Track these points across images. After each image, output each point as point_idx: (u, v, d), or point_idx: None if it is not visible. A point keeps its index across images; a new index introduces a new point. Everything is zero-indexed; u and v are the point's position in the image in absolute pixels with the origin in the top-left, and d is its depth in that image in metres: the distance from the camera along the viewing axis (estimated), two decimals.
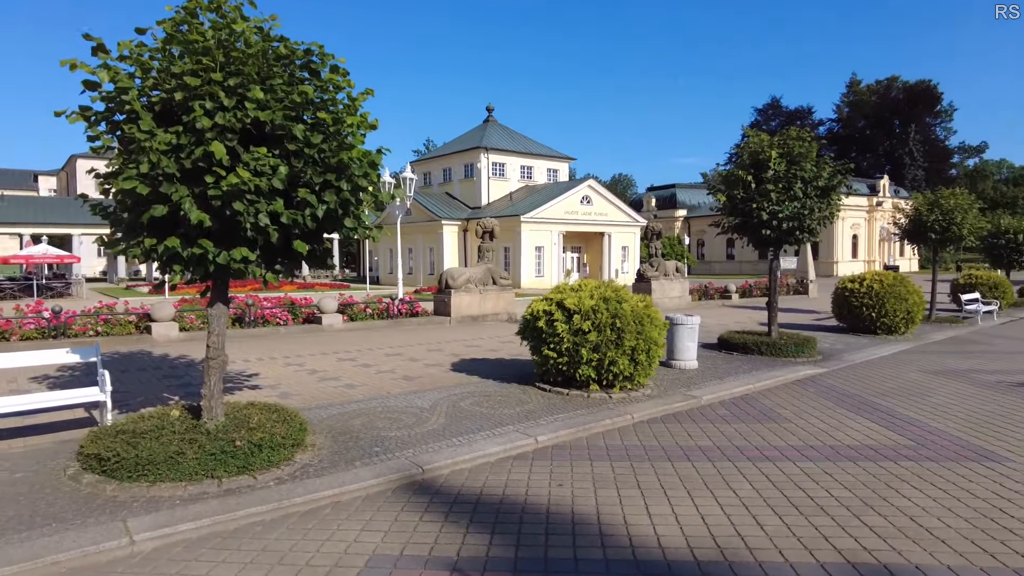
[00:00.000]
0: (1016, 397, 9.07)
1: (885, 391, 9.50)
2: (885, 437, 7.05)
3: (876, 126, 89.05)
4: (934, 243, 18.90)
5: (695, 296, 26.74)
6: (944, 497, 5.25)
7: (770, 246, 12.74)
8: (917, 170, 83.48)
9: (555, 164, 51.28)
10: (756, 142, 12.52)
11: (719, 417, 8.00)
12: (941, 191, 19.37)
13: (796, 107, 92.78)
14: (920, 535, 4.53)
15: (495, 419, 7.46)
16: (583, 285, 9.17)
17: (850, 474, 5.83)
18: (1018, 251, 24.80)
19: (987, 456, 6.37)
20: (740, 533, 4.56)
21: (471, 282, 18.78)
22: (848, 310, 15.83)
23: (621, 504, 5.12)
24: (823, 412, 8.22)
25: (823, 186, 12.16)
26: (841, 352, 13.04)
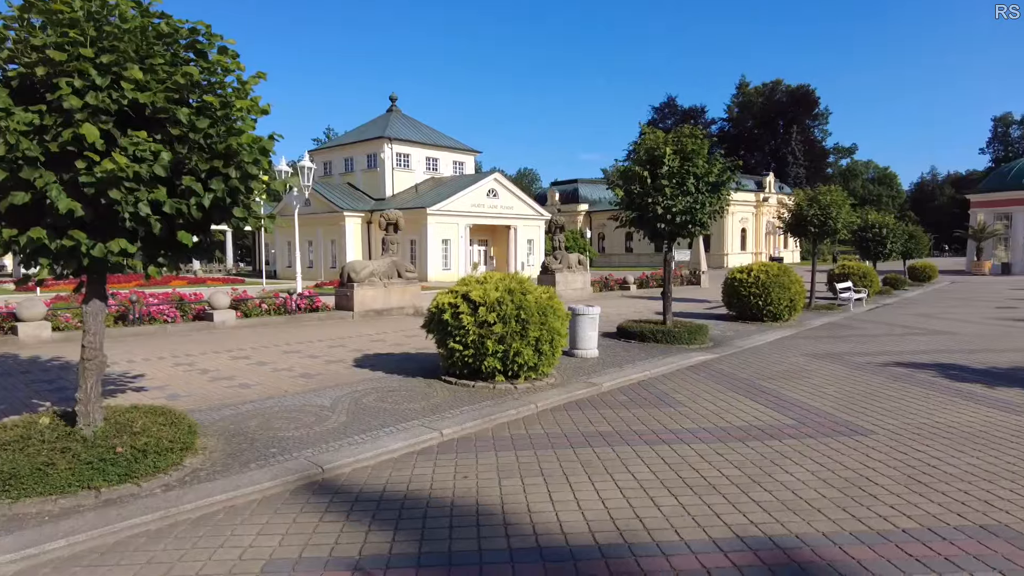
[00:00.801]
0: (881, 377, 9.95)
1: (771, 374, 10.16)
2: (770, 417, 7.54)
3: (763, 126, 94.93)
4: (813, 236, 20.38)
5: (596, 287, 27.51)
6: (820, 470, 5.68)
7: (665, 239, 13.28)
8: (799, 168, 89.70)
9: (461, 157, 51.10)
10: (652, 139, 12.99)
11: (619, 403, 8.27)
12: (819, 188, 20.92)
13: (691, 106, 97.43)
14: (800, 506, 4.87)
15: (399, 414, 7.35)
16: (488, 277, 9.19)
17: (739, 453, 6.19)
18: (882, 243, 27.24)
19: (856, 431, 6.95)
20: (639, 515, 4.73)
21: (375, 275, 18.39)
22: (737, 299, 16.79)
23: (525, 492, 5.18)
24: (715, 395, 8.67)
25: (713, 182, 12.81)
26: (731, 339, 13.82)
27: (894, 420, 7.39)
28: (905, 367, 10.73)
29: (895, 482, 5.38)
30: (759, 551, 4.13)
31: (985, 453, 6.18)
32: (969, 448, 6.34)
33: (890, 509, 4.81)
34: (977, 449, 6.31)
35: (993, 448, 6.34)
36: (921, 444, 6.46)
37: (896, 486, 5.29)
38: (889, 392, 8.85)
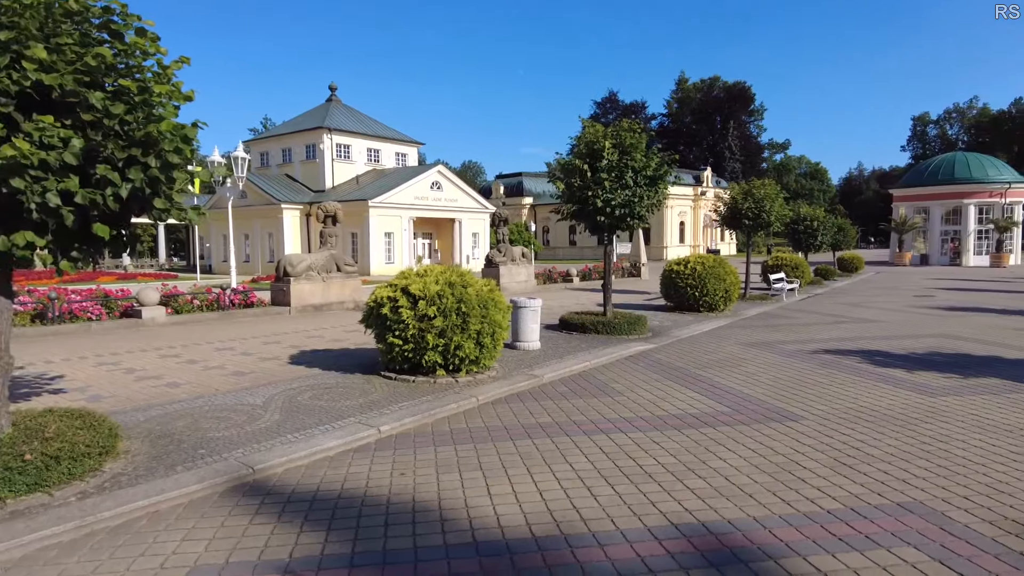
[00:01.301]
0: (811, 364, 10.34)
1: (706, 363, 10.41)
2: (706, 405, 7.72)
3: (701, 121, 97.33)
4: (748, 228, 21.00)
5: (540, 280, 27.65)
6: (753, 456, 5.84)
7: (604, 231, 13.43)
8: (735, 163, 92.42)
9: (404, 148, 50.44)
10: (592, 133, 13.08)
11: (559, 394, 8.31)
12: (753, 182, 21.57)
13: (632, 101, 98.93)
14: (733, 492, 4.99)
15: (336, 412, 7.18)
16: (428, 270, 9.07)
17: (675, 441, 6.30)
18: (813, 236, 28.34)
19: (787, 417, 7.18)
20: (575, 505, 4.74)
21: (312, 269, 17.94)
22: (675, 290, 17.15)
23: (463, 487, 5.13)
24: (652, 385, 8.82)
25: (651, 175, 13.00)
26: (669, 329, 14.10)
27: (823, 405, 7.68)
28: (833, 354, 11.18)
29: (822, 465, 5.58)
30: (692, 538, 4.20)
31: (903, 434, 6.49)
32: (889, 430, 6.64)
33: (817, 491, 4.98)
34: (896, 430, 6.61)
35: (910, 429, 6.66)
36: (847, 428, 6.73)
37: (823, 469, 5.49)
38: (818, 378, 9.20)
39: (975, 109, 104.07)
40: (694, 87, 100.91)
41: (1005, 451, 5.98)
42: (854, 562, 3.87)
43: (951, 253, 49.33)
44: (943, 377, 9.25)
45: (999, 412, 7.36)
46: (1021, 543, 4.12)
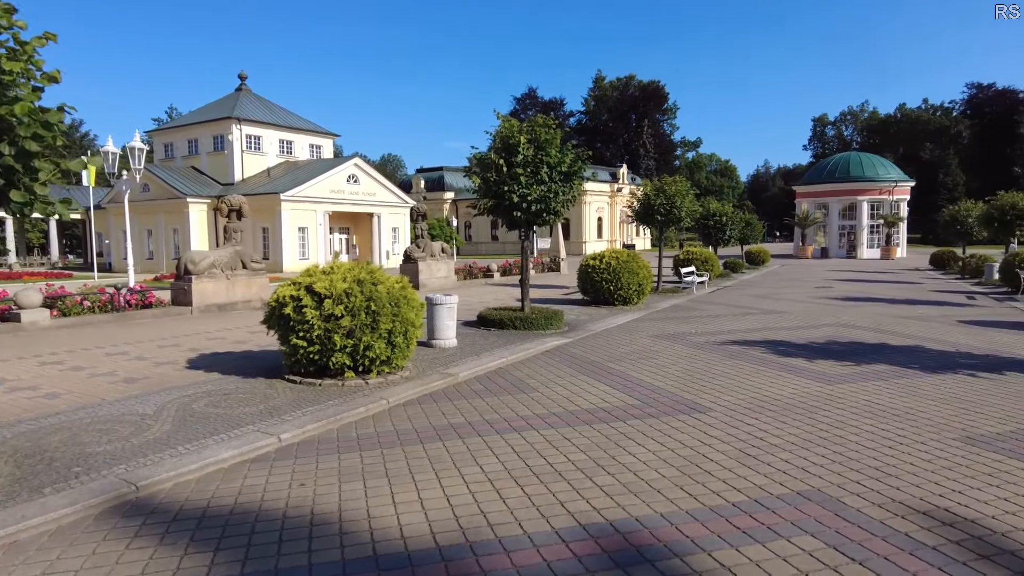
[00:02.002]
0: (719, 355, 10.64)
1: (619, 356, 10.53)
2: (617, 399, 7.76)
3: (617, 119, 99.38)
4: (660, 224, 21.54)
5: (461, 276, 27.42)
6: (662, 450, 5.88)
7: (521, 227, 13.38)
8: (650, 160, 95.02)
9: (318, 140, 48.87)
10: (507, 128, 12.99)
11: (474, 392, 8.15)
12: (665, 179, 22.15)
13: (551, 98, 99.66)
14: (641, 488, 4.98)
15: (233, 420, 6.73)
16: (335, 267, 8.69)
17: (586, 437, 6.27)
18: (722, 230, 29.45)
19: (696, 408, 7.31)
20: (483, 510, 4.60)
21: (216, 267, 16.98)
22: (591, 285, 17.36)
23: (366, 496, 4.88)
24: (567, 379, 8.81)
25: (566, 171, 13.06)
26: (585, 323, 14.23)
27: (730, 396, 7.88)
28: (740, 345, 11.56)
29: (728, 457, 5.68)
30: (600, 538, 4.14)
31: (803, 422, 6.73)
32: (791, 419, 6.87)
33: (722, 484, 5.05)
34: (797, 419, 6.85)
35: (810, 417, 6.92)
36: (752, 418, 6.91)
37: (728, 460, 5.58)
38: (725, 369, 9.46)
39: (866, 112, 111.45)
40: (610, 85, 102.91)
41: (893, 435, 6.30)
42: (756, 555, 3.90)
43: (847, 246, 52.65)
44: (839, 365, 9.73)
45: (888, 397, 7.78)
46: (906, 524, 4.30)
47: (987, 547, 4.00)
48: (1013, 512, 4.52)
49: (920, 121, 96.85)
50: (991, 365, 9.72)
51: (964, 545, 4.02)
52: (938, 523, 4.34)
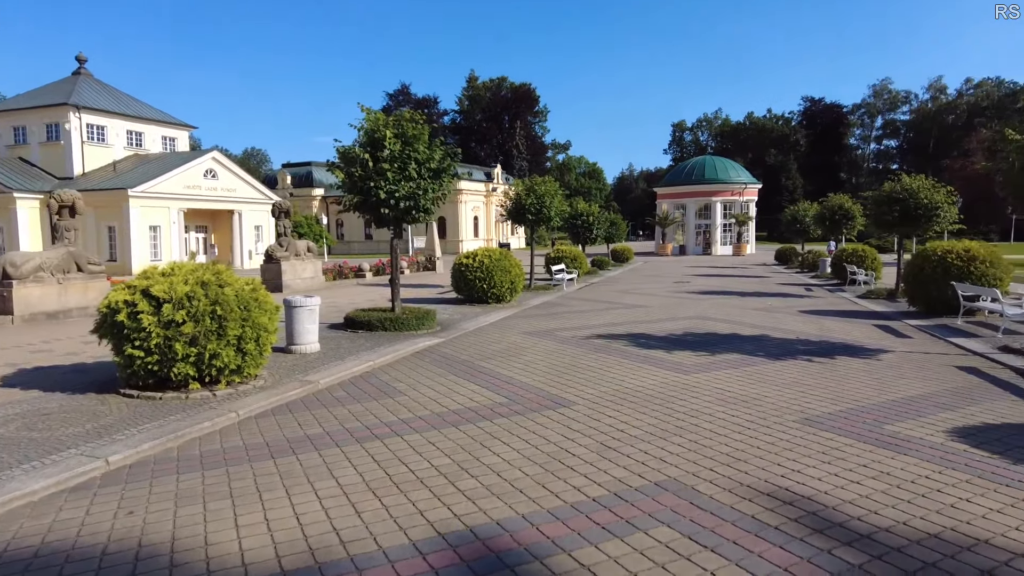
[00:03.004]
0: (584, 349, 10.88)
1: (490, 354, 10.47)
2: (485, 398, 7.66)
3: (491, 120, 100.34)
4: (531, 223, 21.86)
5: (330, 276, 26.36)
6: (526, 448, 5.82)
7: (390, 224, 12.98)
8: (523, 161, 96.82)
9: (172, 132, 45.17)
10: (373, 121, 12.54)
11: (336, 400, 7.73)
12: (535, 179, 22.52)
13: (424, 95, 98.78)
14: (504, 490, 4.87)
15: (52, 443, 5.89)
16: (176, 268, 7.92)
17: (452, 440, 6.09)
18: (589, 230, 30.48)
19: (561, 403, 7.37)
20: (336, 527, 4.28)
21: (44, 270, 15.08)
22: (464, 283, 17.26)
23: (206, 521, 4.40)
24: (436, 381, 8.60)
25: (435, 168, 12.82)
26: (458, 322, 14.09)
27: (593, 389, 8.03)
28: (605, 338, 11.91)
29: (590, 451, 5.73)
30: (459, 547, 3.97)
31: (661, 412, 6.97)
32: (650, 409, 7.09)
33: (584, 479, 5.06)
34: (656, 409, 7.09)
35: (668, 407, 7.18)
36: (614, 410, 7.06)
37: (590, 455, 5.63)
38: (590, 363, 9.67)
39: (720, 119, 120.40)
40: (484, 86, 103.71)
41: (742, 420, 6.67)
42: (615, 550, 3.91)
43: (703, 244, 56.47)
44: (695, 355, 10.25)
45: (737, 384, 8.27)
46: (752, 507, 4.51)
47: (820, 522, 4.27)
48: (841, 486, 4.88)
49: (766, 129, 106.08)
50: (824, 350, 10.66)
51: (802, 522, 4.27)
52: (780, 503, 4.58)
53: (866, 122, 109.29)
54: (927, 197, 16.76)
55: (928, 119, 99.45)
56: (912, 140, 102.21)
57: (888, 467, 5.28)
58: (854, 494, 4.73)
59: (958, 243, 14.72)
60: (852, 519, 4.31)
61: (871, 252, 23.76)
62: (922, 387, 8.09)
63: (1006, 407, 7.16)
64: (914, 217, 16.96)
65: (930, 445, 5.83)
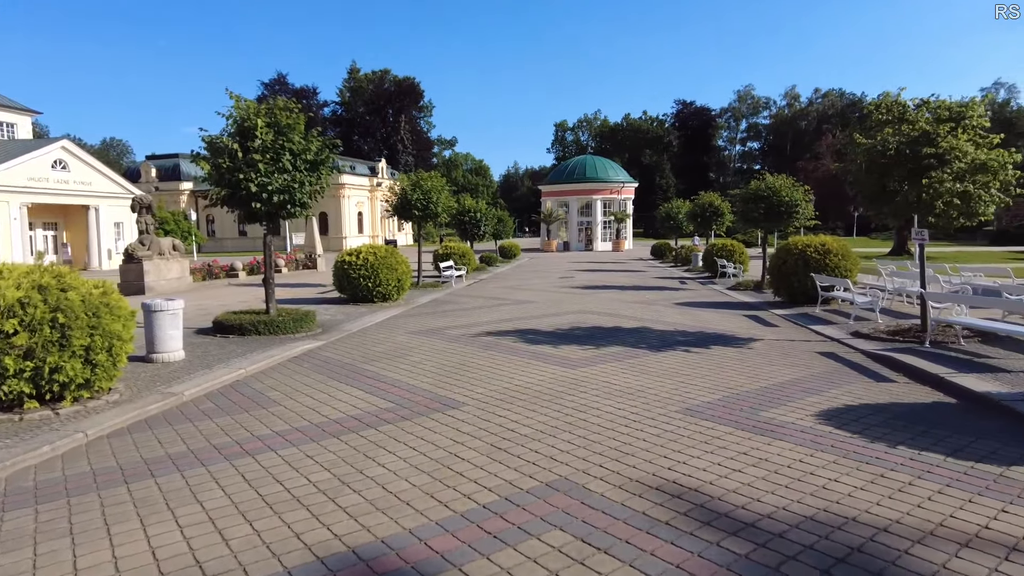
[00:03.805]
0: (473, 347, 10.71)
1: (375, 356, 10.04)
2: (369, 403, 7.28)
3: (374, 113, 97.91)
4: (418, 218, 21.43)
5: (199, 276, 24.54)
6: (413, 456, 5.54)
7: (262, 220, 12.17)
8: (408, 156, 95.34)
9: (12, 117, 40.36)
10: (242, 109, 11.68)
11: (202, 413, 7.05)
12: (421, 174, 22.11)
13: (302, 86, 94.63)
14: (389, 503, 4.58)
15: None
16: (7, 271, 6.89)
17: (332, 452, 5.69)
18: (477, 226, 30.43)
19: (449, 404, 7.14)
20: (199, 559, 3.81)
21: None
22: (348, 282, 16.58)
23: (35, 568, 3.78)
24: (315, 387, 8.09)
25: (312, 159, 12.15)
26: (341, 323, 13.47)
27: (483, 388, 7.86)
28: (494, 335, 11.80)
29: (480, 454, 5.55)
30: (339, 571, 3.65)
31: (551, 409, 6.92)
32: (540, 406, 7.03)
33: (474, 485, 4.86)
34: (545, 406, 7.03)
35: (557, 403, 7.15)
36: (504, 409, 6.92)
37: (480, 458, 5.44)
38: (479, 361, 9.51)
39: (599, 120, 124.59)
40: (366, 78, 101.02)
41: (628, 413, 6.75)
42: (507, 560, 3.74)
43: (585, 240, 58.19)
44: (581, 349, 10.37)
45: (622, 377, 8.42)
46: (643, 502, 4.51)
47: (708, 513, 4.34)
48: (725, 475, 5.01)
49: (641, 130, 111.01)
50: (701, 341, 11.15)
51: (691, 515, 4.31)
52: (669, 496, 4.62)
53: (732, 125, 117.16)
54: (788, 195, 18.11)
55: (785, 124, 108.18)
56: (772, 143, 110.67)
57: (766, 453, 5.50)
58: (737, 483, 4.86)
59: (815, 238, 15.96)
60: (737, 508, 4.41)
61: (739, 247, 25.37)
62: (790, 373, 8.62)
63: (861, 388, 7.76)
64: (777, 213, 18.27)
65: (801, 429, 6.16)
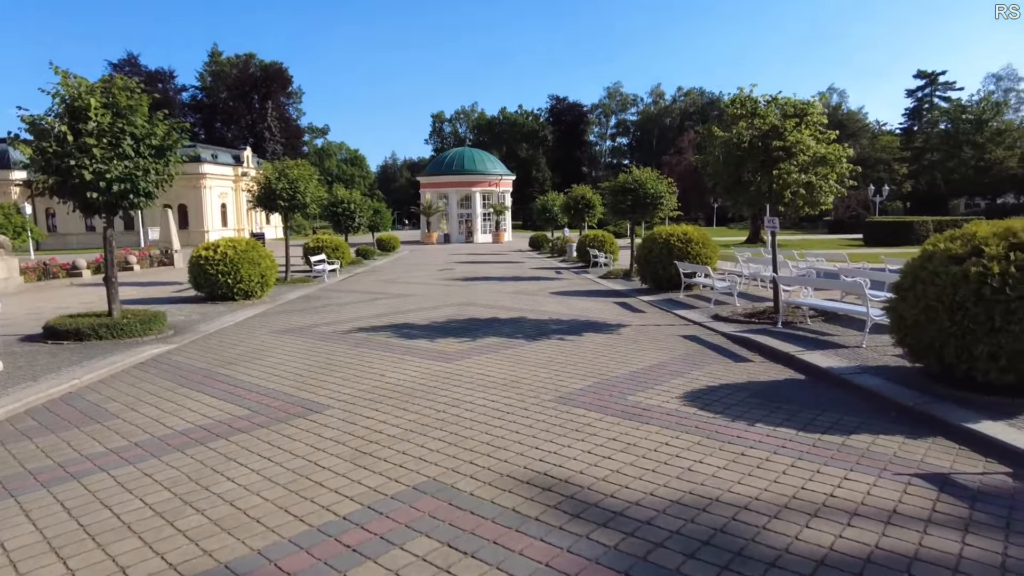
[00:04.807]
0: (343, 345, 10.20)
1: (232, 359, 9.27)
2: (222, 411, 6.64)
3: (238, 99, 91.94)
4: (284, 209, 20.23)
5: (32, 276, 21.79)
6: (268, 467, 5.07)
7: (101, 212, 10.89)
8: (276, 144, 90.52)
9: None
10: (72, 86, 10.34)
11: (19, 433, 6.11)
12: (287, 162, 20.89)
13: (157, 68, 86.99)
14: (238, 522, 4.12)
15: None
16: None
17: (175, 468, 5.09)
18: (351, 218, 29.37)
19: (312, 408, 6.67)
20: None
21: None
22: (205, 279, 15.33)
23: None
24: (161, 396, 7.30)
25: (159, 145, 11.01)
26: (196, 323, 12.39)
27: (351, 388, 7.44)
28: (367, 331, 11.32)
29: (343, 460, 5.18)
30: None
31: (422, 406, 6.65)
32: (411, 404, 6.74)
33: (334, 495, 4.51)
34: (416, 403, 6.75)
35: (429, 399, 6.89)
36: (372, 410, 6.56)
37: (343, 464, 5.08)
38: (349, 360, 9.04)
39: (476, 112, 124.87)
40: (229, 62, 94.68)
41: (502, 405, 6.63)
42: None
43: (466, 232, 58.12)
44: (458, 342, 10.17)
45: (498, 368, 8.31)
46: (513, 498, 4.37)
47: (578, 505, 4.27)
48: (595, 463, 4.99)
49: (517, 124, 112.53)
50: (574, 328, 11.31)
51: (561, 508, 4.22)
52: (540, 490, 4.51)
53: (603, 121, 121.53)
54: (653, 187, 18.90)
55: (651, 120, 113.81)
56: (639, 138, 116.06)
57: (634, 438, 5.56)
58: (607, 470, 4.86)
59: (678, 228, 16.76)
60: (606, 497, 4.39)
61: (609, 237, 26.26)
62: (656, 357, 8.90)
63: (721, 369, 8.14)
64: (644, 205, 19.03)
65: (667, 412, 6.31)
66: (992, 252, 6.09)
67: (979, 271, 6.01)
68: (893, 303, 7.02)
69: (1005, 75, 79.99)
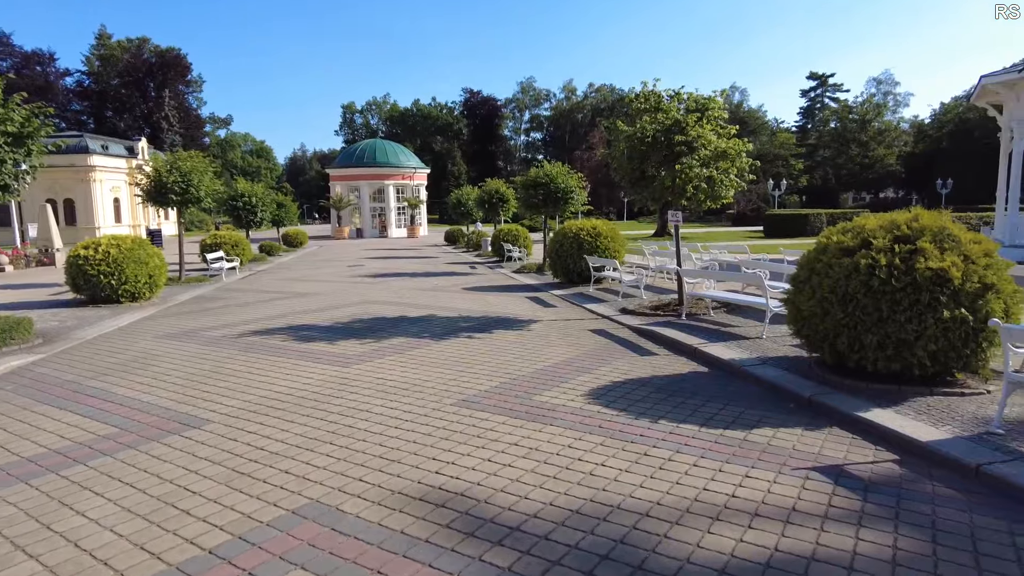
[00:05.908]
0: (233, 350, 9.48)
1: (107, 368, 8.40)
2: (84, 431, 5.92)
3: (131, 86, 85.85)
4: (177, 204, 18.86)
5: None
6: (129, 495, 4.49)
7: None
8: (175, 135, 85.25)
9: None
10: None
11: None
12: (180, 154, 19.48)
13: (34, 49, 79.80)
14: (80, 566, 3.58)
15: None
16: None
17: (12, 504, 4.41)
18: (253, 212, 27.93)
19: (190, 423, 6.06)
20: None
21: None
22: (84, 280, 13.98)
23: None
24: (16, 416, 6.45)
25: (16, 132, 9.88)
26: (71, 330, 11.24)
27: (236, 400, 6.85)
28: (261, 335, 10.61)
29: (216, 483, 4.67)
30: None
31: (313, 416, 6.18)
32: (300, 415, 6.25)
33: (202, 525, 4.02)
34: (307, 414, 6.27)
35: (321, 409, 6.43)
36: (256, 424, 6.03)
37: (216, 488, 4.57)
38: (237, 366, 8.38)
39: (388, 104, 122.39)
40: (119, 46, 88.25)
41: (400, 412, 6.26)
42: None
43: (380, 227, 56.80)
44: (359, 344, 9.68)
45: (400, 371, 7.91)
46: (403, 519, 4.04)
47: (473, 522, 3.99)
48: (494, 473, 4.73)
49: (431, 116, 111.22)
50: (484, 326, 11.04)
51: (453, 527, 3.93)
52: (433, 507, 4.20)
53: (516, 115, 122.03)
54: (564, 182, 18.92)
55: (563, 116, 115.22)
56: (553, 134, 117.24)
57: (536, 442, 5.34)
58: (506, 479, 4.61)
59: (588, 222, 16.82)
60: (504, 511, 4.13)
61: (523, 232, 26.20)
62: (564, 353, 8.77)
63: (627, 364, 8.09)
64: (555, 199, 19.02)
65: (571, 411, 6.14)
66: (879, 244, 6.29)
67: (868, 263, 6.18)
68: (790, 295, 7.16)
69: (884, 79, 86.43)
